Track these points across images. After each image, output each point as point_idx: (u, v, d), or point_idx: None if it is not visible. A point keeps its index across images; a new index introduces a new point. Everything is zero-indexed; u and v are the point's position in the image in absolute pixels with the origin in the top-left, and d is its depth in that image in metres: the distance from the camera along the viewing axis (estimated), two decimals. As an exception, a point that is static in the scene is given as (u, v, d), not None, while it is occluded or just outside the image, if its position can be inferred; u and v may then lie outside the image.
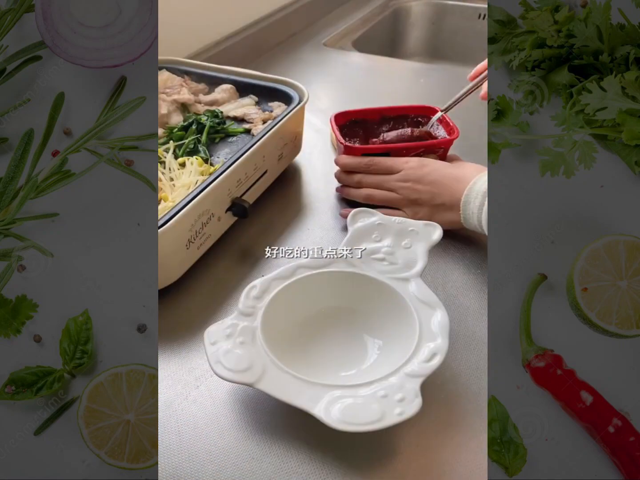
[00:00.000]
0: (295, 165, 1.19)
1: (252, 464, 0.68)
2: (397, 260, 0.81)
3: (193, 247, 0.88)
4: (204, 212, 0.87)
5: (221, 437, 0.70)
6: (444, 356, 0.69)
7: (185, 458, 0.68)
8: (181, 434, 0.70)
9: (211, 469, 0.67)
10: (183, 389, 0.75)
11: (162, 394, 0.74)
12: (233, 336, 0.72)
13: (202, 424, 0.71)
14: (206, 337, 0.72)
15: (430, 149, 1.05)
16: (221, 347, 0.71)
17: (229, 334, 0.72)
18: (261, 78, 1.18)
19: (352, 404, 0.66)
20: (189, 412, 0.73)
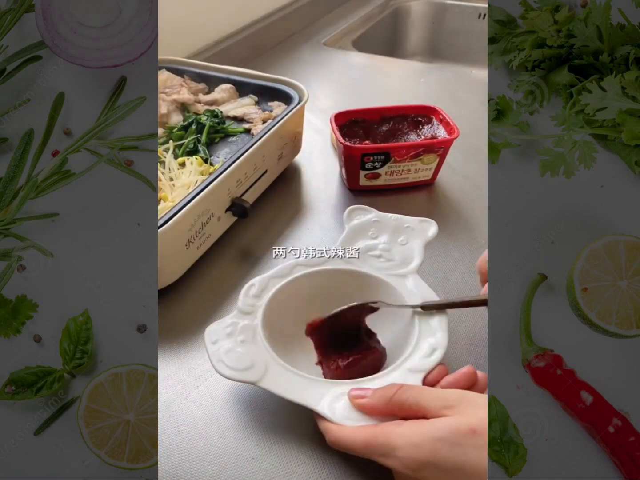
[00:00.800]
0: (295, 165, 1.19)
1: (253, 464, 0.67)
2: (393, 256, 0.82)
3: (193, 247, 0.88)
4: (203, 212, 0.87)
5: (221, 437, 0.70)
6: (444, 351, 0.69)
7: (185, 458, 0.68)
8: (181, 434, 0.70)
9: (211, 469, 0.67)
10: (183, 389, 0.75)
11: (162, 394, 0.74)
12: (234, 335, 0.72)
13: (202, 424, 0.71)
14: (207, 336, 0.72)
15: (430, 148, 1.04)
16: (222, 345, 0.71)
17: (229, 333, 0.72)
18: (261, 78, 1.18)
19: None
20: (188, 412, 0.73)
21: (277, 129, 1.02)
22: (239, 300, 0.76)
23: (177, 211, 0.81)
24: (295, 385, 0.68)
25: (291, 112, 1.06)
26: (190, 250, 0.88)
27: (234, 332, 0.72)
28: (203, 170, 0.96)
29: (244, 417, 0.72)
